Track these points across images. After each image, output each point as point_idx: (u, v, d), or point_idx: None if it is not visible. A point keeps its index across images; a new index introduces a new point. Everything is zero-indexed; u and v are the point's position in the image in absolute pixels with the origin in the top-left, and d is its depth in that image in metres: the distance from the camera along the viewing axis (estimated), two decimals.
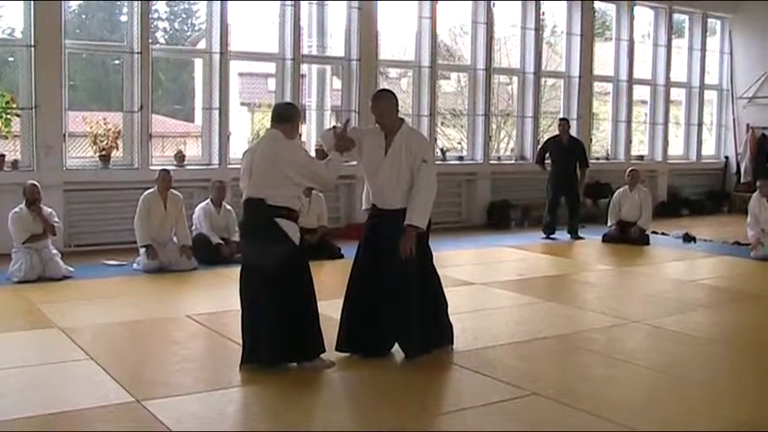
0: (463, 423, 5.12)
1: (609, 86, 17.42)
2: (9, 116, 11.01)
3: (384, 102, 6.46)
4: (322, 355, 6.14)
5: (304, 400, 5.61)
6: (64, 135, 11.28)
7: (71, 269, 9.68)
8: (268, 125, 6.40)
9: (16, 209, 9.59)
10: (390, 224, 6.26)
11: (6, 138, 11.15)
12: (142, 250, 10.03)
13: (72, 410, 5.27)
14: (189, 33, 14.86)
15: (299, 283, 6.04)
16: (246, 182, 6.13)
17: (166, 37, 14.00)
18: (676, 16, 18.22)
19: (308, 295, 6.07)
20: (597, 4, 16.81)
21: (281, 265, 5.91)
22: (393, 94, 6.61)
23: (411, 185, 6.25)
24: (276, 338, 5.96)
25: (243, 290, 6.16)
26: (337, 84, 14.16)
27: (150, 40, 11.85)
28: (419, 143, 6.45)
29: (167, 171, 10.45)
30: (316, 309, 6.12)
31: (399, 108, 6.54)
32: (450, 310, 6.64)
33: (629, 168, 13.78)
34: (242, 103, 15.21)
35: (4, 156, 11.02)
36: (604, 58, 17.38)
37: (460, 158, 15.26)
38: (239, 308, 6.19)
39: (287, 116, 6.26)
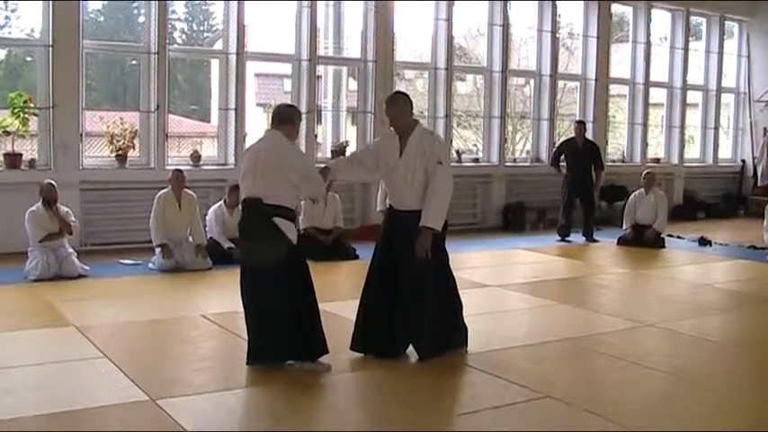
0: (478, 424, 5.12)
1: (625, 89, 17.37)
2: (27, 115, 11.05)
3: (397, 105, 6.48)
4: (325, 357, 6.12)
5: (317, 401, 5.65)
6: (81, 134, 11.32)
7: (87, 268, 9.72)
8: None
9: (33, 207, 9.64)
10: (406, 225, 6.28)
11: (24, 137, 11.20)
12: (157, 249, 10.08)
13: (87, 408, 5.29)
14: (207, 34, 14.91)
15: (297, 282, 6.03)
16: (249, 182, 6.12)
17: (184, 38, 14.05)
18: (693, 19, 18.16)
19: (306, 294, 6.06)
20: (614, 7, 16.77)
21: (279, 265, 5.91)
22: (407, 96, 6.63)
23: (426, 187, 6.26)
24: (277, 338, 5.98)
25: (243, 290, 6.17)
26: (353, 85, 14.17)
27: (167, 41, 11.90)
28: (433, 144, 6.46)
29: (181, 171, 10.49)
30: (315, 309, 6.11)
31: (415, 110, 6.55)
32: (464, 312, 6.63)
33: (645, 171, 13.72)
34: (258, 104, 15.26)
35: (21, 155, 11.08)
36: (621, 60, 17.34)
37: (476, 160, 15.24)
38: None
39: (288, 118, 6.28)
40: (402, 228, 6.35)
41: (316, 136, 13.30)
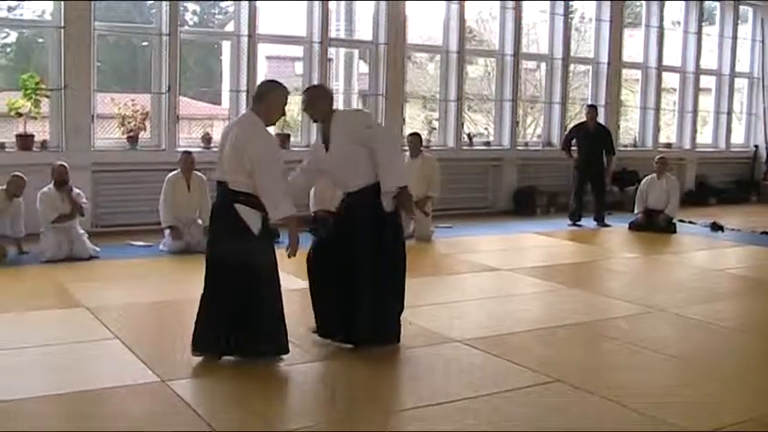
0: (488, 407, 5.11)
1: (637, 73, 17.29)
2: (38, 97, 11.05)
3: (308, 98, 6.23)
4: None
5: (323, 387, 5.66)
6: (92, 116, 11.35)
7: (98, 249, 9.76)
8: (294, 108, 6.23)
9: (45, 189, 9.66)
10: (359, 203, 6.12)
11: (36, 118, 11.21)
12: (167, 231, 10.09)
13: (98, 389, 5.31)
14: (218, 16, 14.88)
15: (253, 274, 5.69)
16: (218, 164, 5.90)
17: (195, 19, 14.01)
18: (707, 3, 18.03)
19: (260, 288, 5.73)
20: None
21: (235, 253, 5.63)
22: (321, 87, 6.51)
23: (371, 160, 6.05)
24: (220, 329, 5.74)
25: (206, 275, 5.88)
26: (364, 68, 14.15)
27: (178, 23, 11.88)
28: (353, 118, 6.43)
29: (189, 153, 10.49)
30: (271, 305, 5.78)
31: (426, 93, 6.46)
32: (476, 296, 6.63)
33: (658, 156, 13.67)
34: None
35: (33, 136, 11.10)
36: (633, 44, 17.25)
37: (487, 144, 15.21)
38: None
39: (260, 94, 5.88)
40: (355, 206, 6.15)
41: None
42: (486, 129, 16.00)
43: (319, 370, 5.91)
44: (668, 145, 17.50)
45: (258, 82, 12.18)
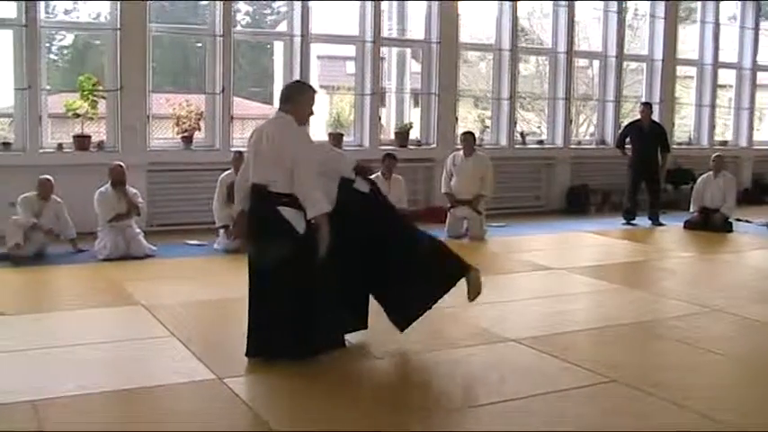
0: (545, 407, 5.09)
1: (692, 70, 17.08)
2: (95, 98, 11.22)
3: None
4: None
5: (379, 385, 5.66)
6: (147, 116, 11.49)
7: (154, 248, 9.88)
8: (346, 107, 6.26)
9: (102, 188, 9.82)
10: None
11: (93, 119, 11.39)
12: (221, 230, 10.17)
13: (156, 386, 5.37)
14: (271, 17, 14.95)
15: (302, 275, 5.71)
16: (252, 166, 5.89)
17: (247, 20, 14.10)
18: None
19: (310, 288, 5.75)
20: None
21: (285, 256, 5.65)
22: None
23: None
24: (274, 332, 5.77)
25: (250, 279, 5.89)
26: (416, 67, 14.14)
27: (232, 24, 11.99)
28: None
29: (241, 153, 10.52)
30: (324, 302, 5.81)
31: (478, 91, 6.45)
32: (530, 295, 6.61)
33: (715, 154, 13.49)
34: (320, 86, 15.30)
35: (90, 137, 11.27)
36: (688, 41, 17.04)
37: (540, 142, 15.13)
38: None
39: (291, 96, 5.94)
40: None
41: (379, 118, 13.30)
42: (538, 127, 15.92)
43: (377, 368, 5.93)
44: (724, 142, 17.28)
45: (311, 81, 12.46)
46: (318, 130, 13.30)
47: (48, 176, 9.78)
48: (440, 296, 6.27)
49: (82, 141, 11.16)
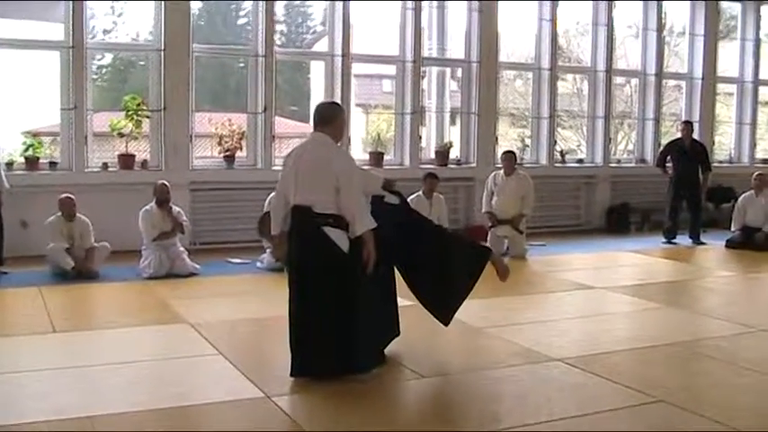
0: (593, 426, 5.09)
1: (732, 87, 16.99)
2: (140, 118, 11.38)
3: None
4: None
5: (425, 403, 5.69)
6: (190, 136, 11.62)
7: (198, 267, 9.97)
8: (383, 126, 6.33)
9: (147, 207, 9.94)
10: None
11: (137, 138, 11.55)
12: (268, 249, 10.22)
13: (204, 404, 5.43)
14: (305, 36, 15.09)
15: (347, 294, 5.77)
16: (293, 188, 5.91)
17: (283, 39, 14.24)
18: None
19: (351, 307, 5.78)
20: (722, 4, 16.44)
21: (329, 275, 5.75)
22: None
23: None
24: (321, 350, 5.81)
25: (291, 300, 5.96)
26: (454, 85, 14.20)
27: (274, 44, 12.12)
28: None
29: None
30: (362, 322, 5.84)
31: (515, 110, 6.52)
32: (572, 314, 6.63)
33: (757, 173, 13.40)
34: (357, 104, 15.39)
35: (134, 156, 11.43)
36: (728, 58, 16.96)
37: (580, 161, 15.11)
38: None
39: (329, 117, 6.01)
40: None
41: (420, 137, 13.35)
42: (578, 146, 15.91)
43: (420, 386, 5.95)
44: (765, 160, 17.14)
45: (350, 100, 12.55)
46: (357, 148, 13.40)
47: (69, 194, 9.90)
48: (474, 284, 6.42)
49: (127, 160, 11.33)
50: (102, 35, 12.12)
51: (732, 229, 13.07)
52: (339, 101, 12.28)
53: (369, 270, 5.79)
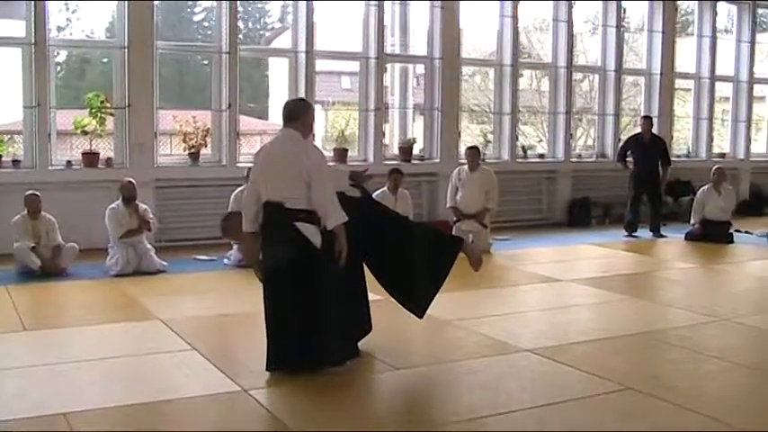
0: (563, 415, 5.20)
1: (689, 83, 17.24)
2: (103, 115, 11.34)
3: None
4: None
5: (399, 394, 5.79)
6: (155, 133, 11.59)
7: (165, 264, 9.97)
8: (342, 123, 6.38)
9: (113, 205, 9.92)
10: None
11: (101, 136, 11.51)
12: (236, 245, 10.24)
13: (181, 398, 5.46)
14: (262, 32, 15.09)
15: (317, 288, 5.82)
16: (265, 185, 5.96)
17: (241, 37, 14.26)
18: (761, 11, 17.91)
19: (324, 302, 5.86)
20: (679, 2, 16.69)
21: (302, 270, 5.79)
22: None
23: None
24: (295, 344, 5.85)
25: (265, 296, 6.00)
26: (416, 82, 14.27)
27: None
28: None
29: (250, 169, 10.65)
30: (334, 316, 5.90)
31: (476, 106, 6.58)
32: (538, 306, 6.76)
33: (716, 167, 13.63)
34: (316, 101, 15.43)
35: (98, 154, 11.39)
36: (685, 54, 17.20)
37: (541, 156, 15.26)
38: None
39: (298, 114, 6.07)
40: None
41: (383, 134, 13.43)
42: (540, 141, 16.07)
43: (393, 379, 6.01)
44: (722, 155, 17.41)
45: (313, 98, 12.57)
46: (319, 145, 13.43)
47: (34, 192, 9.86)
48: (446, 274, 6.46)
49: (91, 158, 11.27)
50: (56, 32, 11.96)
51: (691, 222, 13.28)
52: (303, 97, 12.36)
53: (341, 263, 5.86)
